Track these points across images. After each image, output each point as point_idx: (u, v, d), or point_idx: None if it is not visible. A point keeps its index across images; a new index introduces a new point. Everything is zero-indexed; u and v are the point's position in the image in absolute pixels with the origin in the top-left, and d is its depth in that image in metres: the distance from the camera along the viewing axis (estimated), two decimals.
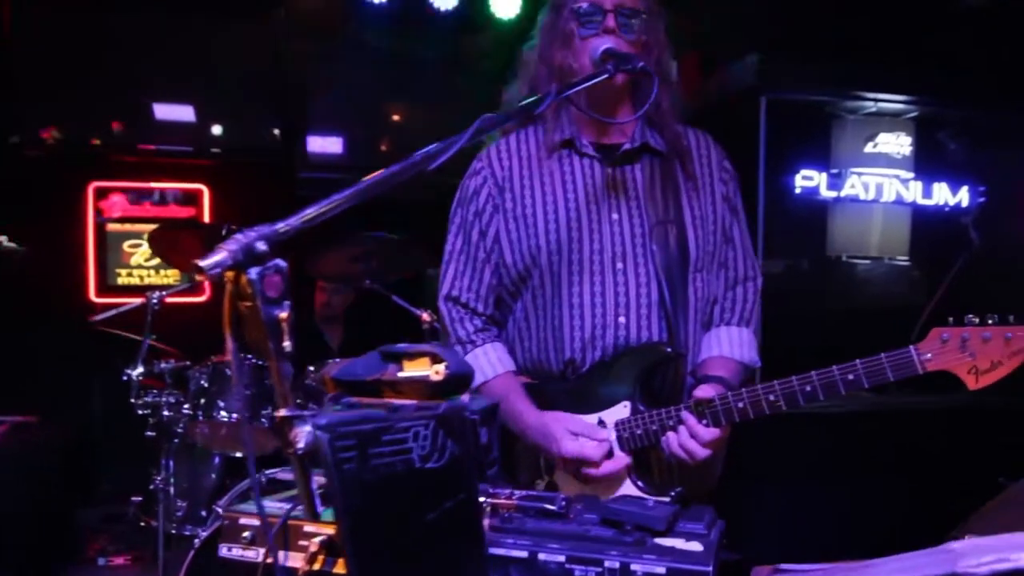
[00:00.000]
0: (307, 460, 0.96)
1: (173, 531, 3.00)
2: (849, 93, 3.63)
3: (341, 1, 4.88)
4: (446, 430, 0.91)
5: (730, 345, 1.76)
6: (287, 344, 0.93)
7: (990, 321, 1.39)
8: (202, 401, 3.04)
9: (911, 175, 3.83)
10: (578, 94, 1.67)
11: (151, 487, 3.09)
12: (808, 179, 3.69)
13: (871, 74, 3.59)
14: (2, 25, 4.62)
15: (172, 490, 3.08)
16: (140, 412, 3.13)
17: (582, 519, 1.25)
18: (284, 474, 2.53)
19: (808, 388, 1.48)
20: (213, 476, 3.20)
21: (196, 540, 2.43)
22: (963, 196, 3.89)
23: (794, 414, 3.71)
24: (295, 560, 1.14)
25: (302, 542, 1.17)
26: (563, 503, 1.26)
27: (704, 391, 1.57)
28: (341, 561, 1.15)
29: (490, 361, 1.76)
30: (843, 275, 3.88)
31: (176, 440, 3.09)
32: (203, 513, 3.05)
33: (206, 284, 4.85)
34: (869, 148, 3.75)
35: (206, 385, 3.16)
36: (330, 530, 1.16)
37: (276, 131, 5.27)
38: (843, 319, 3.80)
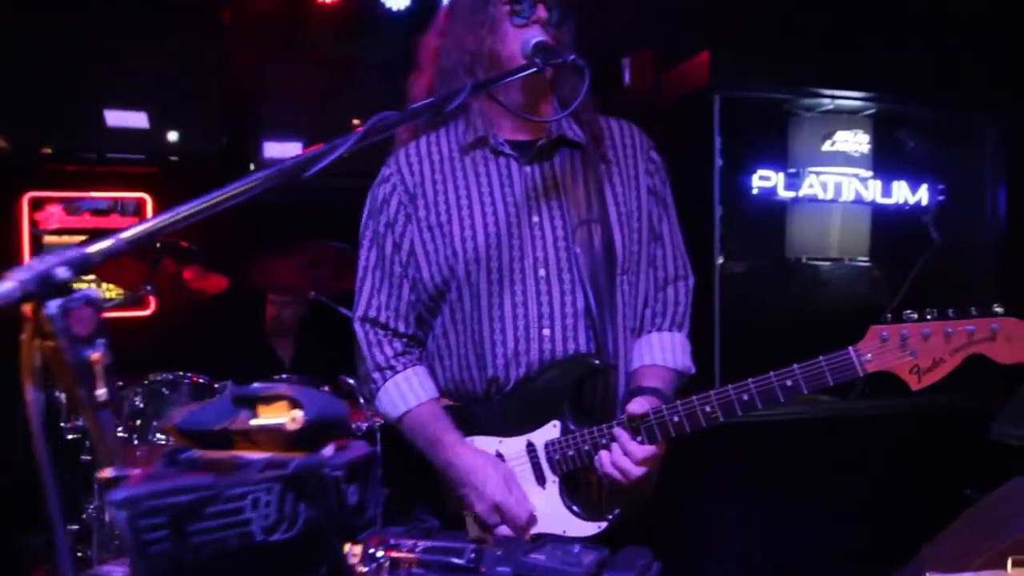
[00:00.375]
0: None
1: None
2: (805, 90, 3.52)
3: (290, 3, 4.73)
4: (297, 493, 0.75)
5: (663, 352, 1.64)
6: (101, 392, 0.76)
7: (929, 316, 1.31)
8: (138, 423, 2.87)
9: (870, 174, 3.74)
10: (501, 89, 1.55)
11: (83, 515, 2.94)
12: (765, 179, 3.58)
13: (828, 71, 3.49)
14: None
15: (107, 517, 2.91)
16: (69, 436, 3.00)
17: (492, 574, 1.09)
18: None
19: (745, 397, 1.38)
20: None
21: None
22: (923, 194, 3.82)
23: (753, 422, 3.59)
24: None
25: None
26: (472, 556, 1.10)
27: (637, 405, 1.45)
28: None
29: (412, 387, 1.61)
30: (804, 277, 3.78)
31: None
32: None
33: (150, 298, 4.63)
34: (827, 146, 3.65)
35: (141, 406, 3.03)
36: None
37: (224, 137, 5.09)
38: (805, 322, 3.70)
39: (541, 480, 1.53)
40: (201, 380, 3.08)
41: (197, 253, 3.54)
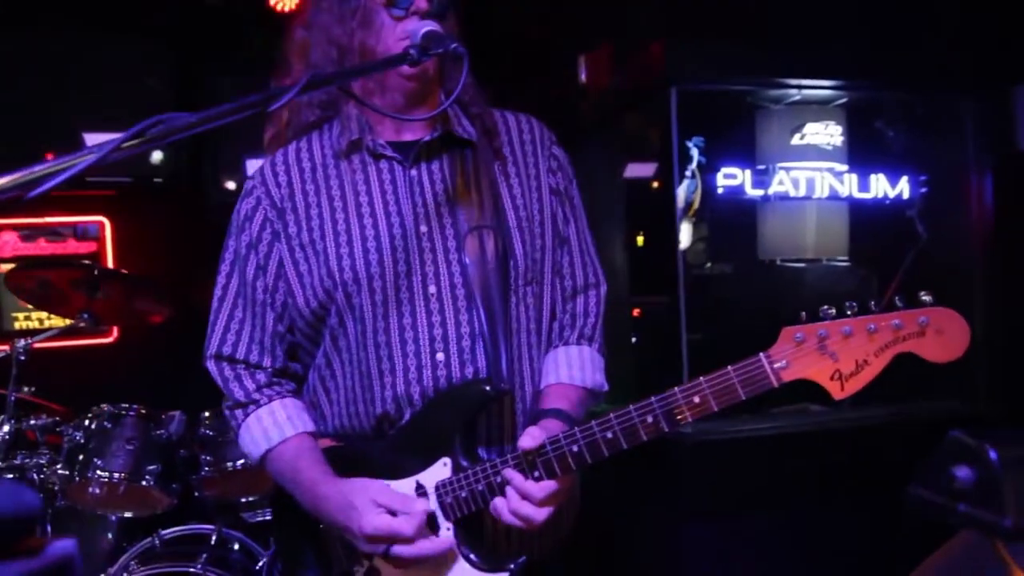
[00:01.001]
0: None
1: None
2: (769, 80, 3.31)
3: (243, 16, 4.60)
4: None
5: (569, 369, 1.45)
6: None
7: (849, 312, 1.13)
8: (80, 458, 2.75)
9: (845, 167, 3.53)
10: (368, 86, 1.39)
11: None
12: (731, 177, 3.36)
13: (793, 59, 3.27)
14: None
15: None
16: (9, 476, 2.90)
17: None
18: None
19: (649, 419, 1.20)
20: (110, 537, 2.91)
21: None
22: (903, 187, 3.60)
23: (740, 437, 3.35)
24: None
25: None
26: None
27: (529, 439, 1.24)
28: None
29: (276, 421, 1.42)
30: (779, 280, 3.55)
31: (61, 503, 2.82)
32: None
33: (113, 327, 4.45)
34: (796, 140, 3.44)
35: (82, 441, 2.92)
36: None
37: (182, 157, 4.96)
38: (781, 320, 3.48)
39: (434, 527, 1.32)
40: (144, 411, 2.91)
41: (140, 280, 3.39)
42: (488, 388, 1.33)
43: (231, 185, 4.89)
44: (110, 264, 4.72)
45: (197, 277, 3.50)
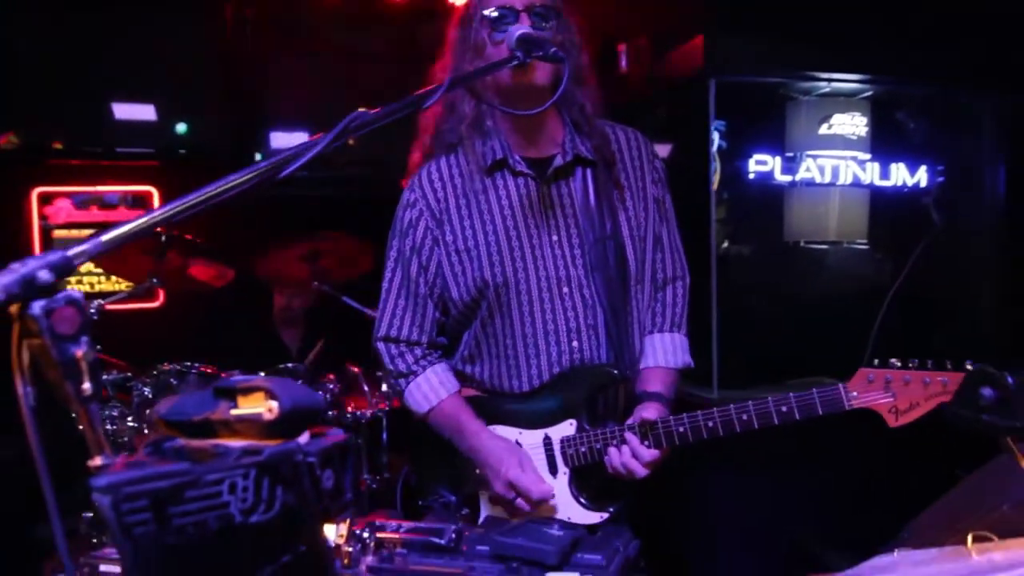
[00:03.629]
0: None
1: None
2: (801, 74, 3.52)
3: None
4: (272, 478, 0.80)
5: (664, 354, 1.80)
6: (87, 386, 0.81)
7: (911, 365, 1.49)
8: (147, 412, 2.99)
9: (868, 156, 3.73)
10: (494, 95, 1.68)
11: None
12: (762, 163, 3.59)
13: (823, 53, 3.48)
14: None
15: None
16: (81, 427, 3.08)
17: (472, 553, 1.14)
18: None
19: (744, 417, 1.59)
20: None
21: None
22: (921, 176, 3.81)
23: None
24: None
25: None
26: (452, 536, 1.16)
27: (648, 412, 1.62)
28: None
29: (432, 387, 1.77)
30: (803, 261, 3.79)
31: (124, 453, 3.02)
32: None
33: (159, 290, 4.70)
34: (824, 130, 3.64)
35: (150, 396, 3.14)
36: None
37: (230, 129, 5.15)
38: (804, 306, 3.73)
39: (553, 470, 1.67)
40: (208, 370, 3.17)
41: (202, 246, 3.60)
42: (616, 372, 1.68)
43: (258, 157, 5.11)
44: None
45: (239, 246, 3.73)
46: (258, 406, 0.86)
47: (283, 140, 5.29)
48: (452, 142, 1.76)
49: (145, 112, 5.14)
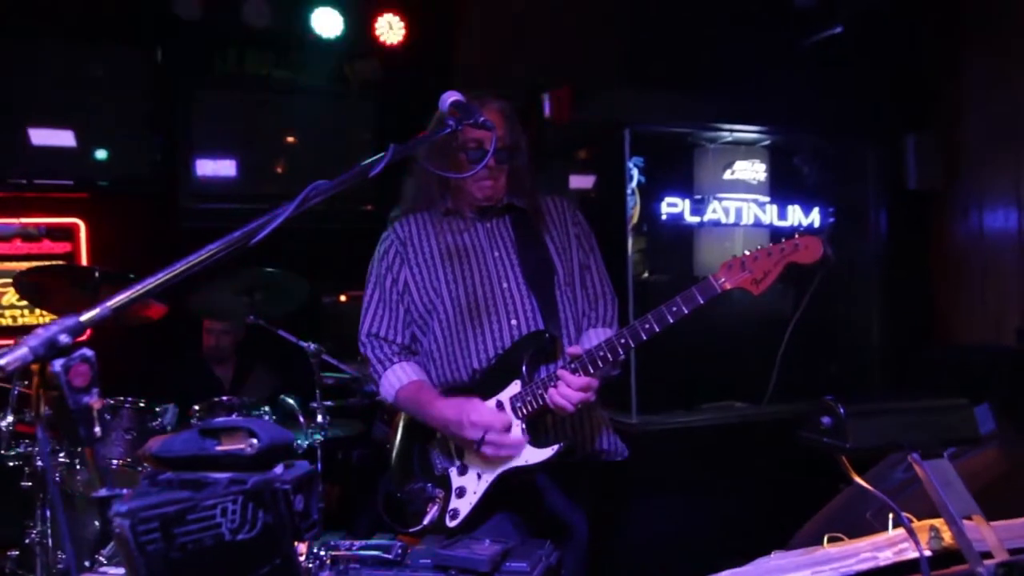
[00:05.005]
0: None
1: None
2: (707, 124, 3.87)
3: (221, 27, 4.81)
4: (256, 502, 0.97)
5: (597, 339, 2.08)
6: (97, 430, 0.97)
7: (758, 247, 1.88)
8: (79, 449, 2.98)
9: (767, 199, 4.11)
10: (464, 188, 2.11)
11: (26, 540, 2.99)
12: (673, 205, 3.92)
13: (726, 106, 3.85)
14: None
15: (50, 542, 2.98)
16: (12, 464, 3.04)
17: (416, 565, 1.33)
18: None
19: (647, 325, 1.87)
20: (96, 524, 3.01)
21: None
22: (815, 216, 4.21)
23: (677, 428, 3.82)
24: None
25: None
26: (399, 551, 1.34)
27: (575, 349, 1.94)
28: None
29: (398, 376, 2.11)
30: None
31: (52, 492, 2.92)
32: (87, 563, 2.85)
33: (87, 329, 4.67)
34: (728, 175, 4.00)
35: None
36: None
37: (156, 158, 5.09)
38: (713, 332, 4.04)
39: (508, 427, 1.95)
40: (141, 404, 3.17)
41: (135, 281, 3.63)
42: (547, 335, 2.01)
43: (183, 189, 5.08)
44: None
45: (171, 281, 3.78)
46: (239, 443, 1.03)
47: (209, 168, 5.25)
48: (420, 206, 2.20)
49: (66, 138, 5.04)
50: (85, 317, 0.99)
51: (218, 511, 0.94)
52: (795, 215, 4.16)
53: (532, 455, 1.90)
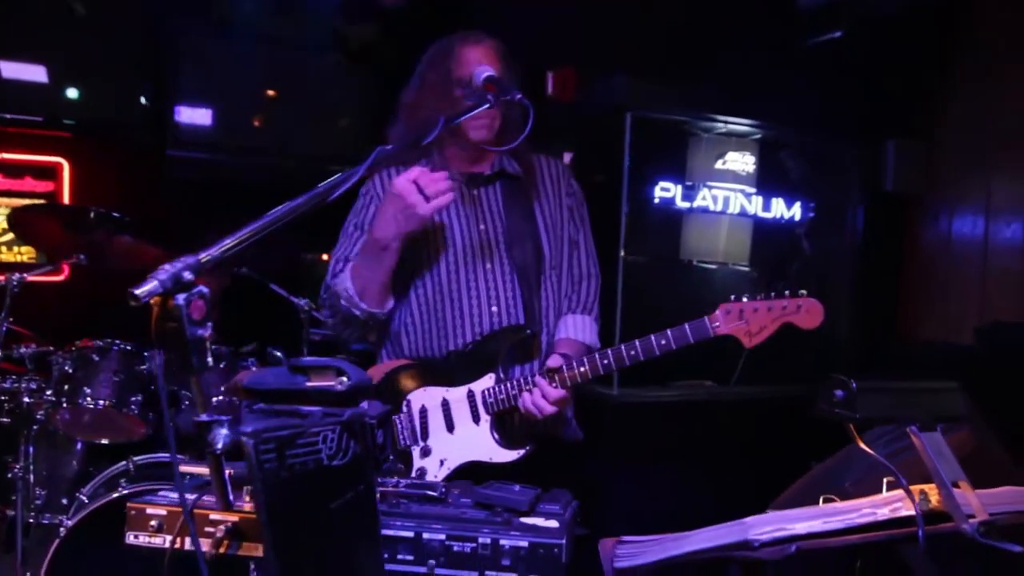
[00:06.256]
0: (222, 458, 1.12)
1: (31, 520, 2.94)
2: (703, 115, 4.02)
3: None
4: (350, 433, 1.09)
5: (575, 329, 2.11)
6: (209, 360, 1.07)
7: (759, 296, 1.84)
8: (66, 387, 2.98)
9: (754, 190, 4.28)
10: (461, 128, 1.95)
11: (8, 475, 3.01)
12: (666, 190, 4.07)
13: (722, 99, 4.01)
14: None
15: (31, 478, 3.02)
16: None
17: (458, 503, 1.46)
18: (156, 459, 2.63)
19: (632, 352, 1.85)
20: (75, 464, 3.12)
21: (61, 529, 2.40)
22: (796, 210, 4.41)
23: (650, 402, 4.02)
24: (203, 545, 1.29)
25: (208, 528, 1.31)
26: (442, 490, 1.47)
27: (554, 360, 1.89)
28: (245, 544, 1.31)
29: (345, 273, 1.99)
30: (694, 277, 4.32)
31: (36, 427, 3.01)
32: (64, 501, 2.99)
33: (65, 265, 4.60)
34: (719, 165, 4.17)
35: (70, 371, 3.08)
36: (233, 518, 1.31)
37: (144, 101, 5.01)
38: (692, 314, 4.22)
39: (476, 418, 1.94)
40: (128, 347, 3.19)
41: (130, 224, 3.64)
42: (528, 331, 1.99)
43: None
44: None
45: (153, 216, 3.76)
46: (329, 380, 1.14)
47: (187, 115, 5.15)
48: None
49: (37, 73, 4.89)
50: (205, 256, 1.08)
51: (320, 438, 1.05)
52: (778, 208, 4.35)
53: (499, 454, 1.91)
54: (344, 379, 1.12)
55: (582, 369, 1.87)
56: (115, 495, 2.66)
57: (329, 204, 1.37)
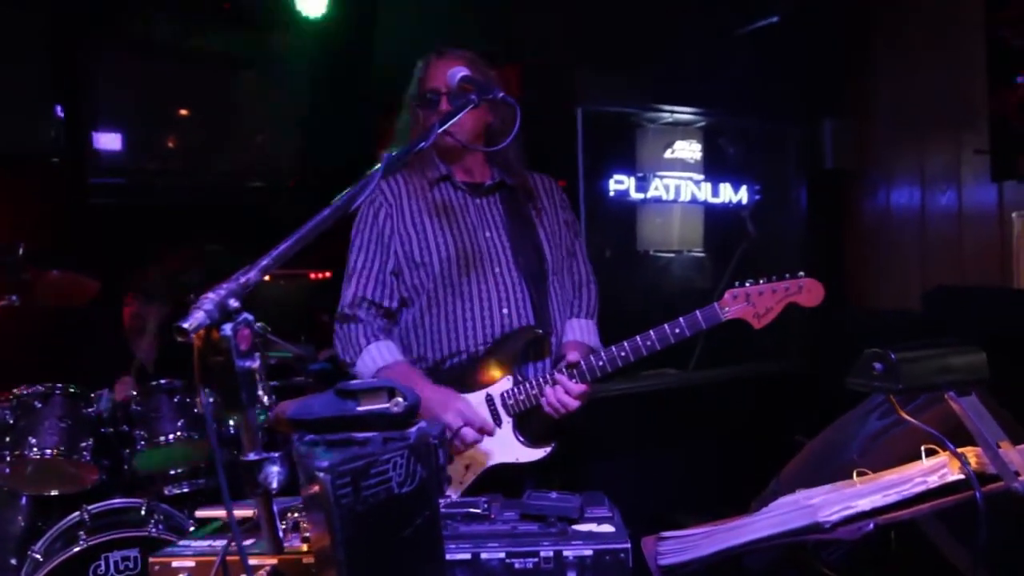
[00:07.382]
0: (272, 498, 1.03)
1: None
2: (649, 106, 4.06)
3: None
4: (416, 456, 1.02)
5: (582, 333, 2.17)
6: (261, 394, 0.99)
7: (762, 280, 1.94)
8: (7, 439, 2.80)
9: (702, 177, 4.36)
10: (454, 133, 1.92)
11: None
12: (620, 183, 4.09)
13: (666, 88, 4.05)
14: None
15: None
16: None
17: (504, 518, 1.41)
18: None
19: (648, 342, 1.91)
20: (20, 520, 2.93)
21: None
22: (743, 194, 4.51)
23: (618, 395, 4.05)
24: None
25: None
26: (485, 506, 1.41)
27: (572, 356, 1.94)
28: None
29: (383, 354, 2.03)
30: (651, 267, 4.35)
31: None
32: (13, 561, 2.82)
33: None
34: (668, 154, 4.22)
35: (11, 421, 2.90)
36: (272, 560, 1.22)
37: (52, 130, 4.73)
38: (653, 303, 4.29)
39: (498, 422, 1.95)
40: (72, 390, 3.00)
41: (64, 258, 3.43)
42: (540, 331, 2.01)
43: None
44: None
45: (104, 259, 3.58)
46: (383, 402, 1.06)
47: (104, 142, 4.94)
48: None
49: None
50: (244, 280, 1.00)
51: (391, 465, 0.98)
52: (726, 192, 4.43)
53: (524, 454, 1.93)
54: (400, 400, 1.06)
55: (600, 363, 1.91)
56: (76, 549, 2.55)
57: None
